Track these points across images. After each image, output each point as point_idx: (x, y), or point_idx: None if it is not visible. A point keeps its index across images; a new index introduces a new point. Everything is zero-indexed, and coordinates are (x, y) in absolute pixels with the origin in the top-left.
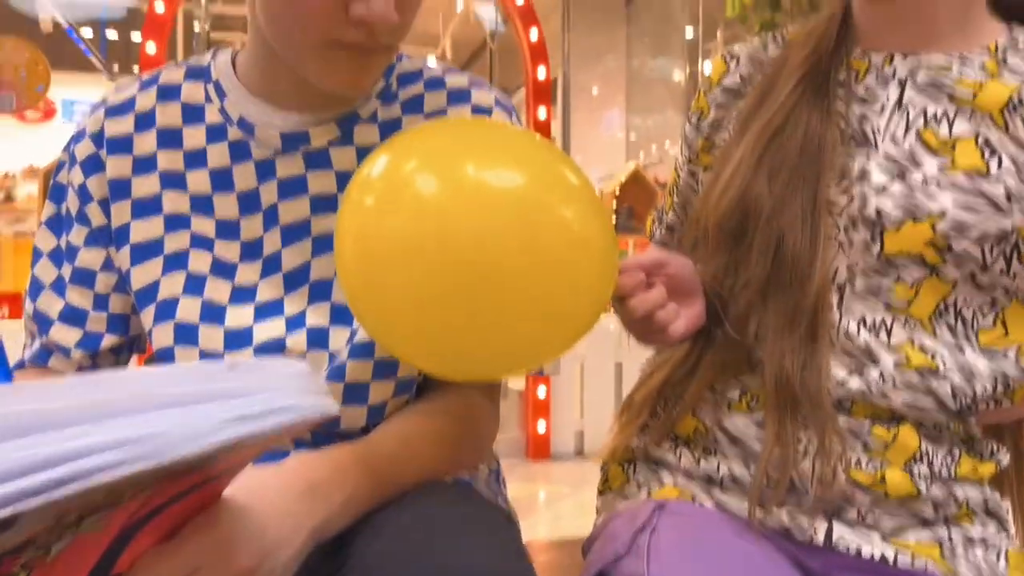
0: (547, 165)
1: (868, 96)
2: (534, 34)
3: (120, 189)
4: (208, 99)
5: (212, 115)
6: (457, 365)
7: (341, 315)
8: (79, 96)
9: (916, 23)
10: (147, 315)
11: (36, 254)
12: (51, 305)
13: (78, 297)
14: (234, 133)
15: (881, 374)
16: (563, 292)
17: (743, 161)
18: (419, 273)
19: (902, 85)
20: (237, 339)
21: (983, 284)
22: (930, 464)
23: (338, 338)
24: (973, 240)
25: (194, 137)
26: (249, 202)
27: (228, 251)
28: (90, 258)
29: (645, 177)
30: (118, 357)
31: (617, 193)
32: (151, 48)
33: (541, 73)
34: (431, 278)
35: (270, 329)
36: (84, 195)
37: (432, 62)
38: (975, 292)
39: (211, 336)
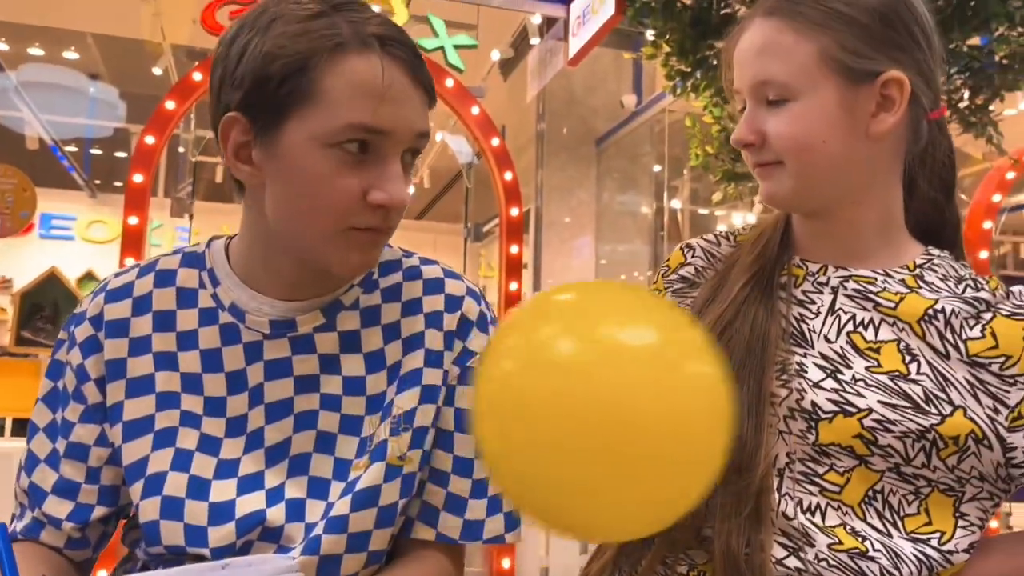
0: (672, 324)
1: (805, 300)
2: (508, 175)
3: (116, 369)
4: (202, 285)
5: (205, 300)
6: (596, 523)
7: (318, 488)
8: (59, 211)
9: (845, 241)
10: (136, 489)
11: (32, 429)
12: (45, 478)
13: (71, 470)
14: (225, 317)
15: (816, 555)
16: (695, 440)
17: None
18: (560, 431)
19: (835, 292)
20: (220, 512)
21: (907, 475)
22: None
23: (314, 511)
24: (896, 436)
25: (187, 320)
26: (236, 381)
27: (214, 427)
28: (84, 433)
29: None
30: (106, 527)
31: None
32: (138, 178)
33: (514, 212)
34: (571, 435)
35: (251, 502)
36: (82, 374)
37: (408, 253)
38: (900, 482)
39: (196, 510)
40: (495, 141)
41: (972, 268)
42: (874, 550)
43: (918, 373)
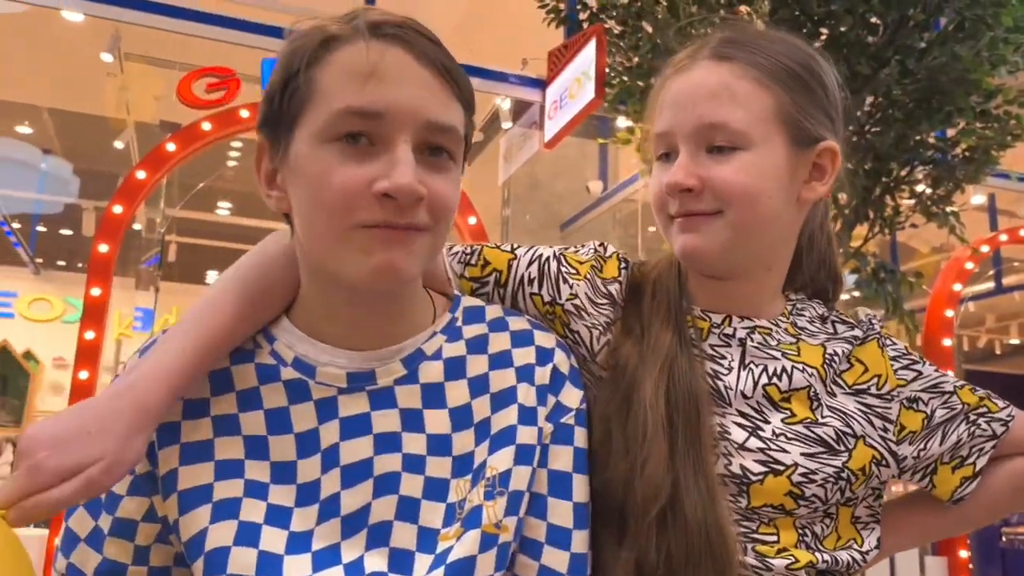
0: None
1: (715, 354)
2: (472, 220)
3: (168, 435)
4: (257, 345)
5: (262, 357)
6: None
7: (400, 562)
8: (0, 288)
9: (747, 299)
10: (198, 568)
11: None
12: (86, 560)
13: (116, 550)
14: (289, 373)
15: None
16: None
17: (654, 444)
18: None
19: (742, 345)
20: None
21: (821, 509)
22: None
23: None
24: (819, 483)
25: (246, 378)
26: (307, 443)
27: (283, 496)
28: (132, 507)
29: None
30: None
31: None
32: (103, 248)
33: None
34: None
35: None
36: None
37: (491, 303)
38: (815, 514)
39: None
40: (472, 220)
41: (935, 356)
42: (821, 561)
43: (823, 416)
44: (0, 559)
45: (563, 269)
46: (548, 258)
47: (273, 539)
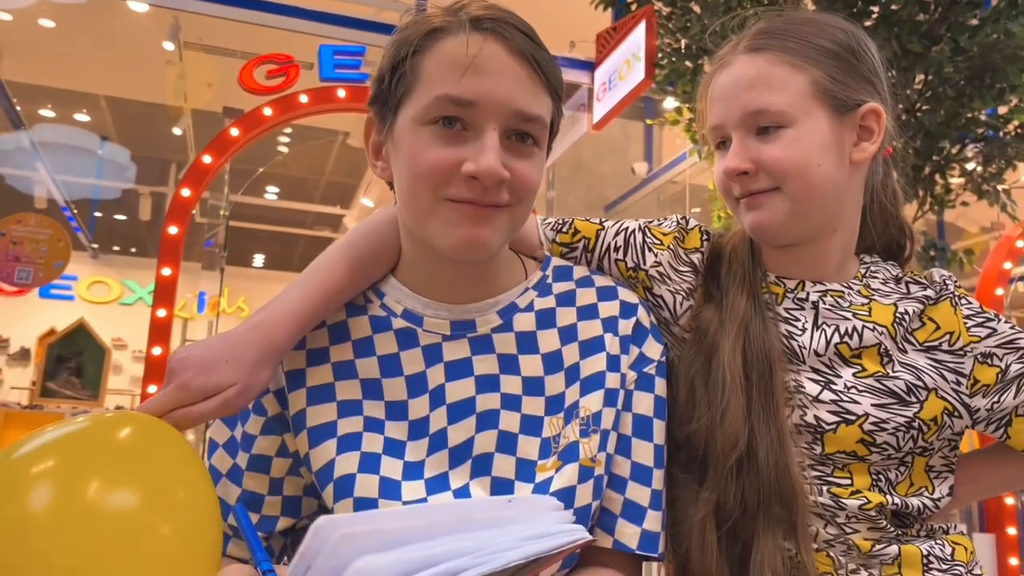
0: (156, 481)
1: (790, 317)
2: None
3: (295, 379)
4: (368, 300)
5: (374, 310)
6: None
7: (501, 489)
8: None
9: (815, 264)
10: (328, 494)
11: (212, 446)
12: (228, 492)
13: (254, 483)
14: (399, 323)
15: (847, 515)
16: None
17: (732, 399)
18: None
19: (815, 308)
20: None
21: (896, 457)
22: None
23: None
24: (890, 432)
25: (360, 328)
26: (417, 384)
27: (397, 431)
28: (266, 445)
29: None
30: (286, 539)
31: None
32: (173, 230)
33: None
34: None
35: (442, 502)
36: None
37: (578, 264)
38: (889, 461)
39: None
40: None
41: None
42: (892, 503)
43: (894, 370)
44: (179, 454)
45: (648, 240)
46: (634, 230)
47: (391, 467)
